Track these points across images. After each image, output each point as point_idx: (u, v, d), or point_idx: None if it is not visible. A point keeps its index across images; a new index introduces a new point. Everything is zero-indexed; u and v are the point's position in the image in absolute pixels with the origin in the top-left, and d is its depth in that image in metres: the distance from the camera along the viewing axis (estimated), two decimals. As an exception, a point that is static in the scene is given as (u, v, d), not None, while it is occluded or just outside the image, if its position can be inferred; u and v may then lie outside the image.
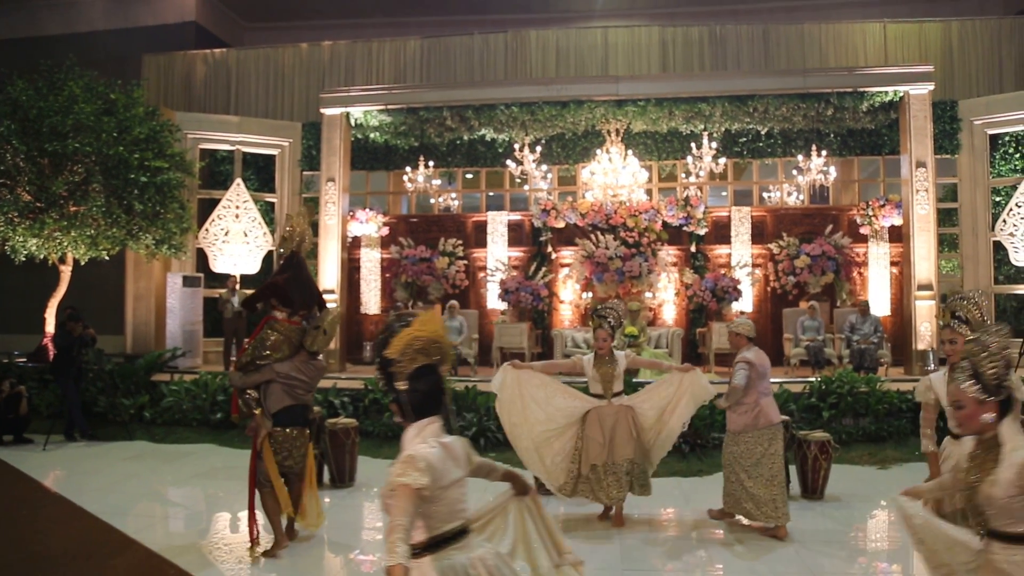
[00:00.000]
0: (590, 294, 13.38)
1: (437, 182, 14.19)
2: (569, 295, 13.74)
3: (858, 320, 11.53)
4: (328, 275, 12.88)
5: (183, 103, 15.19)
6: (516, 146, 13.07)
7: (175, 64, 15.63)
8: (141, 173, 11.50)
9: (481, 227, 14.21)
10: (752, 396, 5.85)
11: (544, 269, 13.55)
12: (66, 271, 12.44)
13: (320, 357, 5.70)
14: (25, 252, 11.68)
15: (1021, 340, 11.12)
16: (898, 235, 12.76)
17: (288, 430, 5.44)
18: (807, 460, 6.88)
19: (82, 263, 12.39)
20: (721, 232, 13.64)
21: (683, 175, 13.85)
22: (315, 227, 13.60)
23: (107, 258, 12.30)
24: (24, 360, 11.83)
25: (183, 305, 12.77)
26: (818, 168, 12.65)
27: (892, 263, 13.09)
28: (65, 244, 11.64)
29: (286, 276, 5.78)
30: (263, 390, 5.47)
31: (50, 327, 12.14)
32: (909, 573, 5.41)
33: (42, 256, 11.88)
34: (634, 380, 9.71)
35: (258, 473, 5.39)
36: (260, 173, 14.78)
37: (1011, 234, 11.93)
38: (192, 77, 15.55)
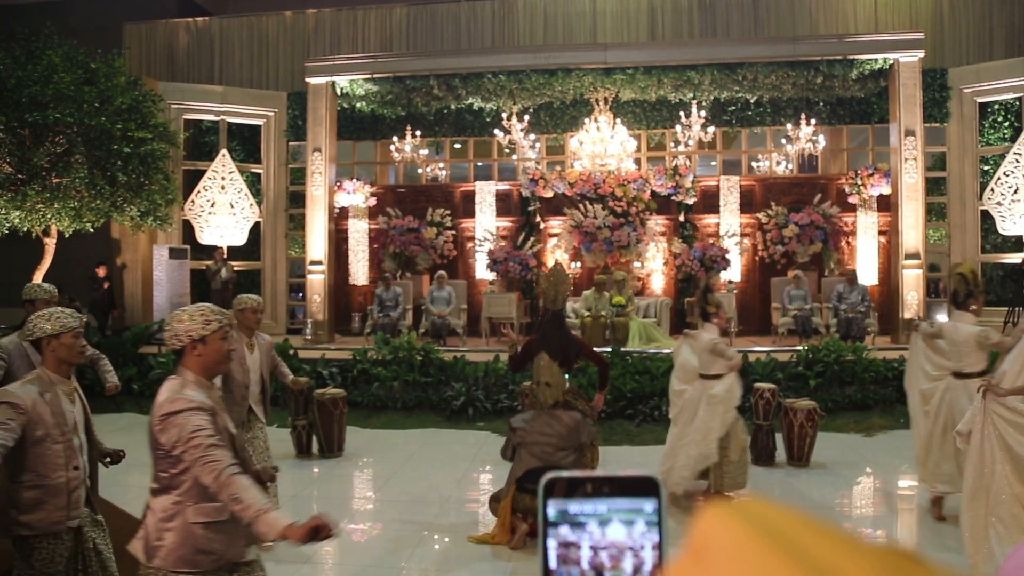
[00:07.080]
0: (579, 264, 13.37)
1: (424, 152, 14.06)
2: (558, 265, 13.69)
3: (845, 289, 11.57)
4: (315, 246, 12.81)
5: (166, 73, 14.94)
6: (504, 115, 12.95)
7: (157, 33, 15.34)
8: (124, 144, 11.33)
9: (469, 197, 14.13)
10: None
11: (532, 239, 13.51)
12: (50, 244, 12.30)
13: (579, 412, 4.97)
14: (8, 225, 11.54)
15: (1006, 309, 11.21)
16: (886, 204, 12.77)
17: (531, 498, 4.67)
18: (793, 428, 6.93)
19: (66, 235, 12.25)
20: (710, 201, 13.61)
21: (672, 144, 13.78)
22: (302, 197, 13.53)
23: (92, 230, 12.17)
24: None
25: (170, 277, 12.68)
26: (807, 137, 12.60)
27: (880, 232, 13.11)
28: (48, 216, 11.49)
29: (532, 337, 5.37)
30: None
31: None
32: (894, 538, 5.48)
33: (25, 228, 11.74)
34: (623, 349, 9.78)
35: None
36: (246, 144, 14.61)
37: (999, 203, 11.95)
38: (175, 46, 15.29)
